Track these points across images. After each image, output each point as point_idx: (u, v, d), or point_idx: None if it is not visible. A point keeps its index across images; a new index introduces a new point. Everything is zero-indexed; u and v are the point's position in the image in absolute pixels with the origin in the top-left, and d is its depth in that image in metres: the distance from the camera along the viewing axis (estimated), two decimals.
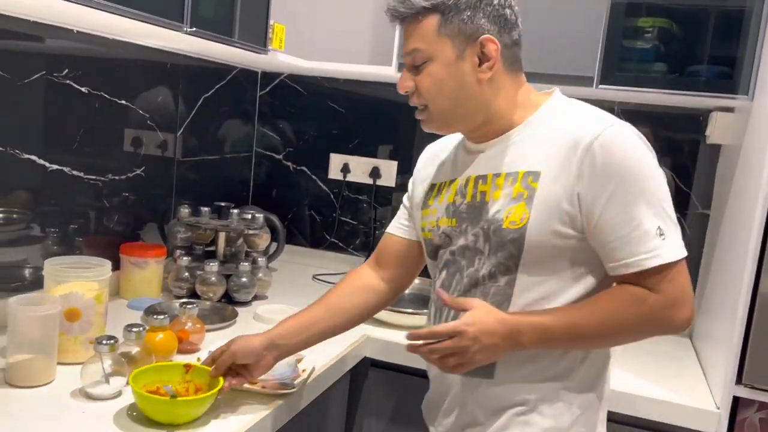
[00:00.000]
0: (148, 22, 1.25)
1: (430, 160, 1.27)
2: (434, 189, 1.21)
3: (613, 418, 1.47)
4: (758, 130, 1.49)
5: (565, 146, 1.03)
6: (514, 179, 1.07)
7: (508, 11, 1.08)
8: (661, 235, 1.00)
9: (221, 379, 1.13)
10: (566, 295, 1.06)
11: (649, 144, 1.05)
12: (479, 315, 1.03)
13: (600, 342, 1.09)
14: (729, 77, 1.63)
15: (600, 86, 1.66)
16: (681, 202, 1.96)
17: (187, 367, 1.16)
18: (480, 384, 1.11)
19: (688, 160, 1.96)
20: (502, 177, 1.09)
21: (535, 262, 1.06)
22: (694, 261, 1.95)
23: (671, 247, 1.01)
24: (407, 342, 1.05)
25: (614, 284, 1.07)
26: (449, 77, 1.07)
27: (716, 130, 1.83)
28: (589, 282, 1.07)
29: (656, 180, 1.02)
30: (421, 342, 1.04)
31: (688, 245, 1.97)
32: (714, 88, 1.65)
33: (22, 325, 1.17)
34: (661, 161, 1.92)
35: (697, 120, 1.93)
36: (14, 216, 1.45)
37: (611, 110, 1.98)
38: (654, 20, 1.65)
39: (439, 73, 1.07)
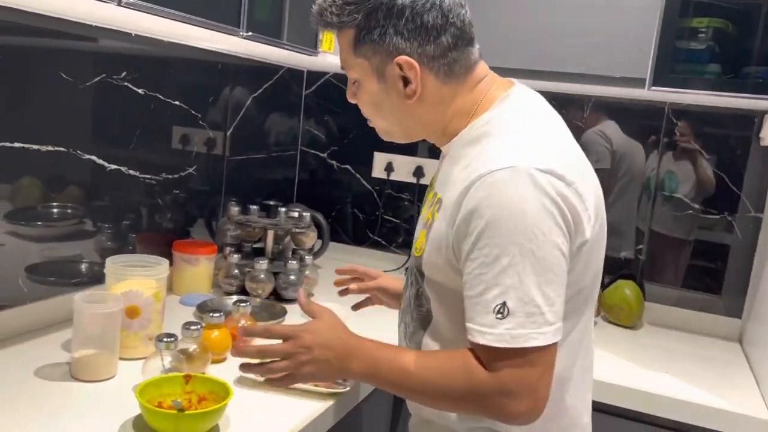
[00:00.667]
0: (207, 28, 1.27)
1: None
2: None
3: (659, 423, 1.47)
4: None
5: (465, 175, 0.91)
6: (432, 202, 1.00)
7: (428, 16, 0.94)
8: (499, 313, 0.84)
9: (230, 389, 1.08)
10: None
11: (560, 200, 0.86)
12: (321, 326, 0.99)
13: (423, 400, 0.97)
14: None
15: (652, 88, 1.63)
16: (731, 203, 1.93)
17: (187, 377, 1.13)
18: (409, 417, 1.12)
19: (740, 161, 1.92)
20: (431, 195, 1.04)
21: (438, 301, 0.98)
22: (745, 265, 1.92)
23: (507, 333, 0.84)
24: (236, 347, 1.03)
25: None
26: (378, 100, 1.00)
27: None
28: None
29: (530, 250, 0.84)
30: (252, 346, 1.01)
31: (738, 248, 1.94)
32: None
33: (86, 322, 1.21)
34: (711, 162, 1.92)
35: (750, 120, 1.89)
36: (68, 211, 1.50)
37: (662, 111, 1.98)
38: (709, 20, 1.62)
39: (368, 96, 1.01)
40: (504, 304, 0.84)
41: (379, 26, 0.94)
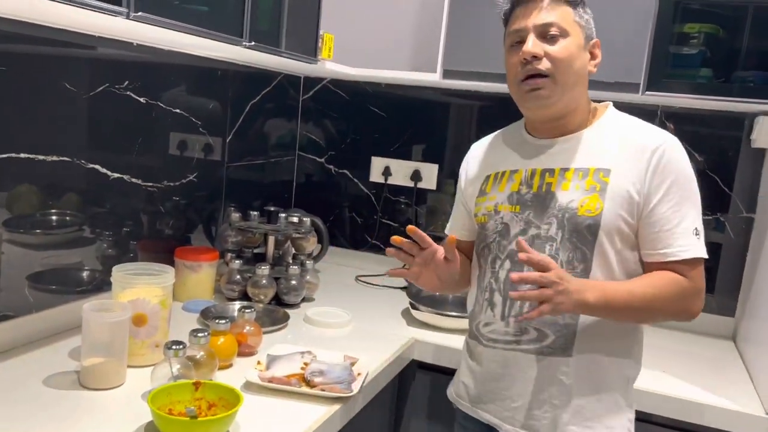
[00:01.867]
0: (212, 39, 1.29)
1: (480, 156, 1.39)
2: (489, 179, 1.32)
3: (659, 422, 1.50)
4: None
5: (634, 149, 1.21)
6: (585, 174, 1.22)
7: None
8: (696, 234, 1.18)
9: (240, 395, 1.12)
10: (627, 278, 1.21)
11: None
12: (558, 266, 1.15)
13: (642, 314, 1.21)
14: None
15: (646, 93, 1.67)
16: (723, 204, 1.96)
17: (197, 384, 1.14)
18: (558, 363, 1.21)
19: (731, 162, 1.95)
20: (571, 171, 1.23)
21: (606, 248, 1.19)
22: (737, 264, 1.95)
23: (702, 247, 1.19)
24: (528, 257, 1.10)
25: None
26: (577, 56, 1.22)
27: (762, 135, 1.83)
28: (639, 269, 1.22)
29: (697, 189, 1.21)
30: (532, 274, 1.10)
31: (731, 247, 1.99)
32: (761, 94, 1.65)
33: (95, 330, 1.23)
34: (702, 163, 1.95)
35: (741, 122, 1.93)
36: (72, 219, 1.51)
37: (654, 113, 2.01)
38: (701, 26, 1.66)
39: (572, 49, 1.21)
40: (696, 228, 1.18)
41: (587, 14, 1.25)
